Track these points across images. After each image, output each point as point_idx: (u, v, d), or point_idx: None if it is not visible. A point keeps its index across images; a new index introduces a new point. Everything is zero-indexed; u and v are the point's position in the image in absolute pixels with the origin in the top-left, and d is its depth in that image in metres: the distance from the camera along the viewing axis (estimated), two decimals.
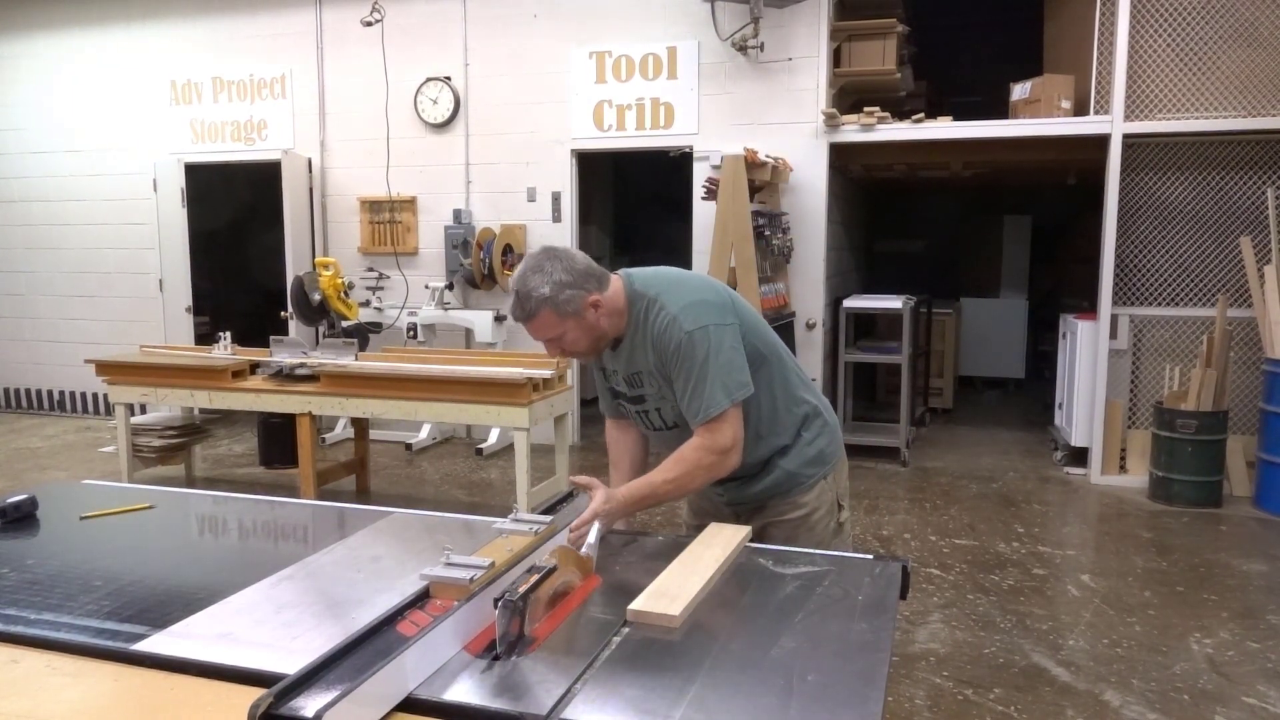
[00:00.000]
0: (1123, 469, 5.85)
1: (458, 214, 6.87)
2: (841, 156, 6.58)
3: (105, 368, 5.20)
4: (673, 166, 6.78)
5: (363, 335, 6.26)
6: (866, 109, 6.06)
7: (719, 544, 1.75)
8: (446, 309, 6.68)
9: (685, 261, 6.29)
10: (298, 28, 7.23)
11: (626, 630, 1.40)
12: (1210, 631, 3.61)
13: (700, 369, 1.92)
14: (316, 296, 6.26)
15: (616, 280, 2.02)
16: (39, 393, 8.36)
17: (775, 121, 6.25)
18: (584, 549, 1.69)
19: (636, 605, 1.44)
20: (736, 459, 1.98)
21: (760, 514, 2.15)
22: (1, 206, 8.24)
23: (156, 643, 1.33)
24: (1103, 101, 5.70)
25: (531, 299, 1.92)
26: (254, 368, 5.08)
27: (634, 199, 9.08)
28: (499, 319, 6.62)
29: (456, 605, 1.32)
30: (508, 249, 6.70)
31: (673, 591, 1.50)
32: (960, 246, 10.16)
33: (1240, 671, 3.27)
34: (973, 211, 10.13)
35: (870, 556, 1.77)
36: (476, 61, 6.85)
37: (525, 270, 1.95)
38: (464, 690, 1.19)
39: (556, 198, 6.76)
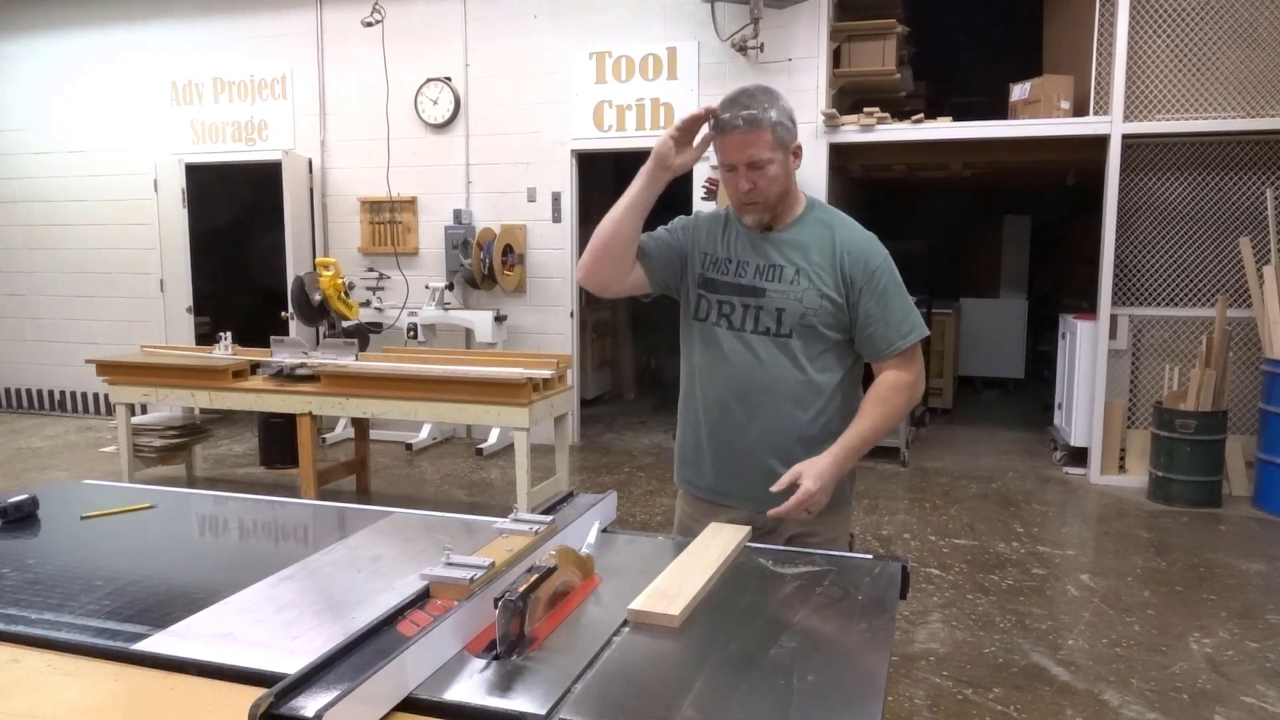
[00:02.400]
0: (1122, 469, 5.85)
1: (458, 214, 6.88)
2: (841, 157, 6.58)
3: (106, 368, 5.20)
4: None
5: (363, 335, 6.27)
6: (866, 109, 6.07)
7: (719, 544, 1.75)
8: (447, 309, 6.69)
9: None
10: (298, 28, 7.23)
11: (626, 630, 1.41)
12: (1209, 631, 3.61)
13: (904, 292, 1.97)
14: (317, 297, 6.27)
15: None
16: (40, 393, 8.37)
17: None
18: (584, 549, 1.69)
19: (636, 605, 1.44)
20: (923, 388, 2.03)
21: (780, 533, 1.97)
22: (2, 206, 8.25)
23: (157, 642, 1.33)
24: (1102, 102, 5.71)
25: (761, 110, 1.85)
26: (254, 368, 5.08)
27: None
28: (499, 319, 6.63)
29: (456, 605, 1.33)
30: (508, 249, 6.71)
31: (673, 591, 1.50)
32: (960, 246, 10.17)
33: (1239, 671, 3.27)
34: (973, 211, 10.13)
35: (870, 556, 1.77)
36: (476, 62, 6.85)
37: (751, 90, 1.90)
38: (464, 690, 1.19)
39: (556, 198, 6.77)
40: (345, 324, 6.33)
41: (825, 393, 1.98)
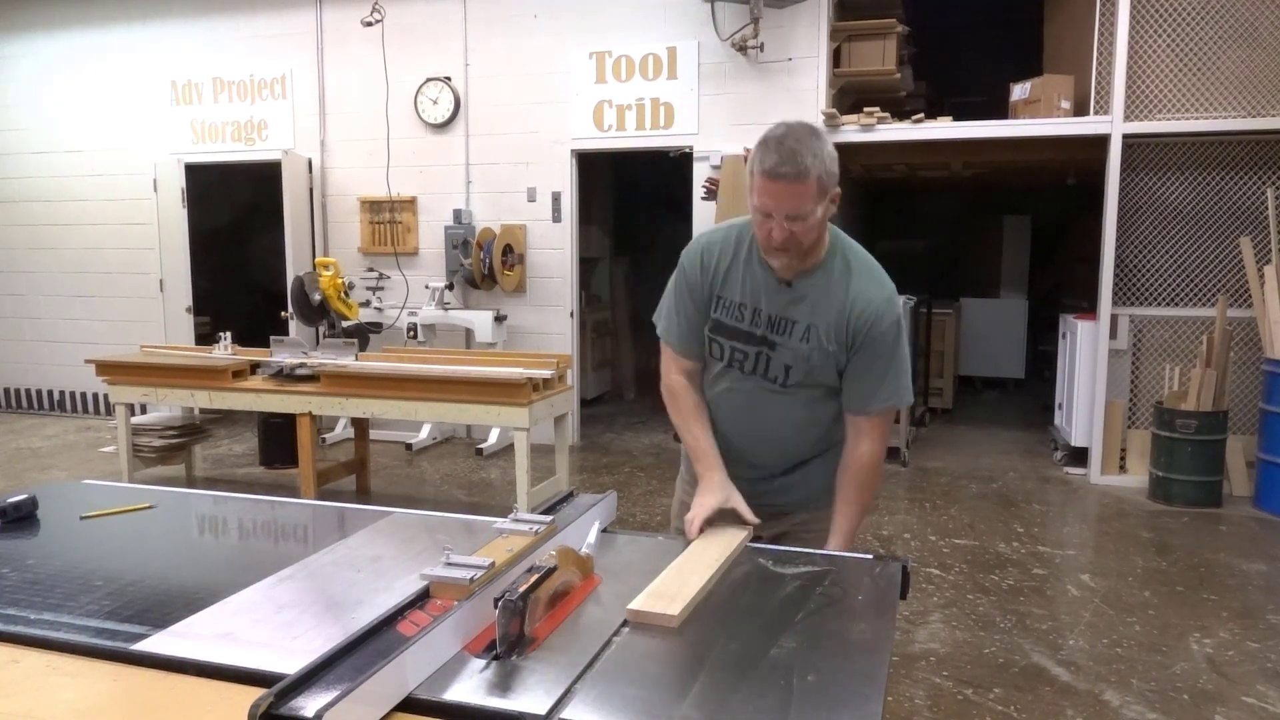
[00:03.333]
0: (1122, 469, 5.85)
1: (458, 214, 6.88)
2: (841, 157, 6.51)
3: (106, 368, 5.20)
4: (673, 166, 6.78)
5: (363, 335, 6.26)
6: (866, 109, 6.06)
7: (719, 544, 1.75)
8: (446, 309, 6.69)
9: None
10: (298, 28, 7.23)
11: (626, 630, 1.40)
12: (1210, 631, 3.61)
13: (900, 358, 1.94)
14: (317, 296, 6.27)
15: None
16: (39, 393, 8.36)
17: (775, 121, 6.24)
18: (584, 549, 1.69)
19: (636, 605, 1.44)
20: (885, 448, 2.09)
21: (774, 525, 2.06)
22: (2, 206, 8.25)
23: (156, 643, 1.33)
24: (1102, 102, 5.70)
25: (809, 158, 1.76)
26: (254, 368, 5.08)
27: (634, 199, 9.09)
28: (499, 319, 6.63)
29: (456, 605, 1.33)
30: (508, 249, 6.70)
31: (672, 591, 1.50)
32: (960, 246, 10.17)
33: (1240, 671, 3.27)
34: (973, 211, 10.13)
35: (870, 556, 1.77)
36: (476, 61, 6.85)
37: (799, 131, 1.81)
38: (464, 690, 1.19)
39: (556, 198, 6.77)
40: (345, 324, 6.32)
41: (824, 422, 2.06)
